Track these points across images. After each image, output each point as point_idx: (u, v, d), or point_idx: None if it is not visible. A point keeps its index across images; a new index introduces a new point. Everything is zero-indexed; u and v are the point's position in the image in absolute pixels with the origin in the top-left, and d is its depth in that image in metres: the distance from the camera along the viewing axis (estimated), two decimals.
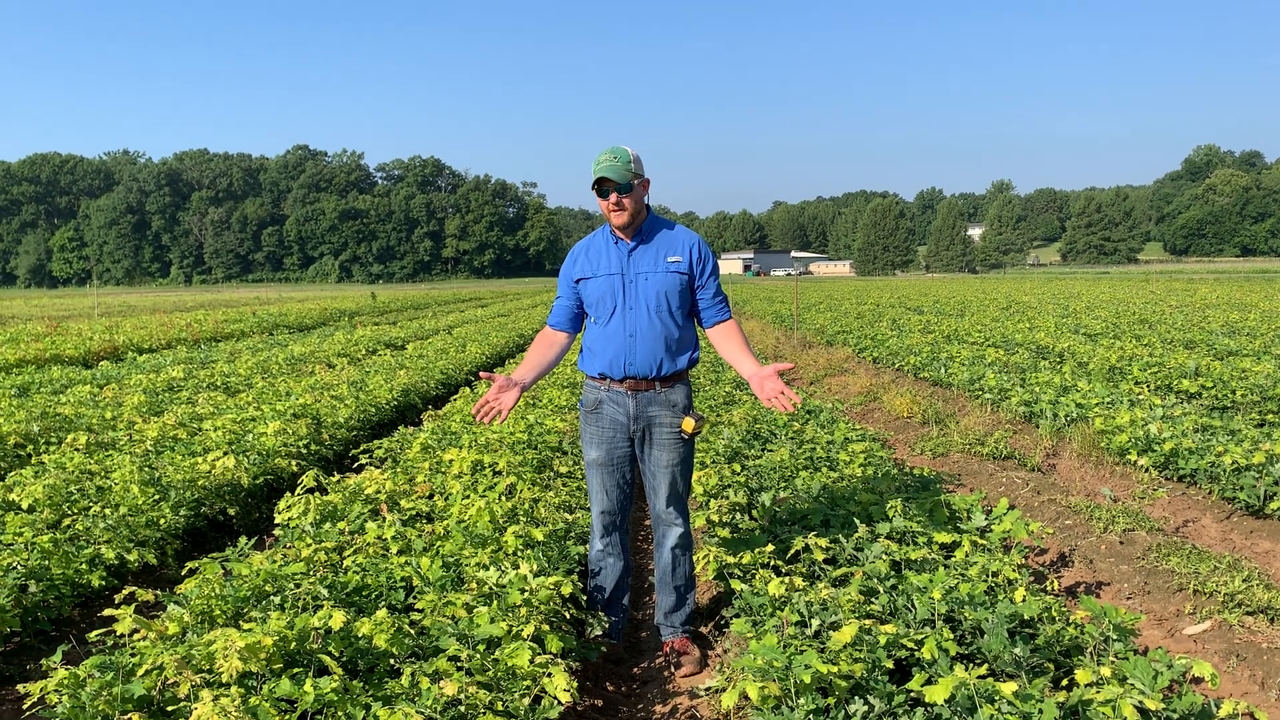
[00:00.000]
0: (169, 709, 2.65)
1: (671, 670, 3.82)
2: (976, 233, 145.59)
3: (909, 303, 29.60)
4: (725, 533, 4.42)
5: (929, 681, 2.76)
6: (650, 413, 3.68)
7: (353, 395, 9.04)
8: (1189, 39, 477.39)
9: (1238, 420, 7.21)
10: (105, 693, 2.61)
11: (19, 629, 3.91)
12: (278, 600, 3.36)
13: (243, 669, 2.59)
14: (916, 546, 4.13)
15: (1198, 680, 3.44)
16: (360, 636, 2.96)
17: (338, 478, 5.39)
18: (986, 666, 3.07)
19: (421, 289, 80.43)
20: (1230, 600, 4.13)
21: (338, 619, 2.90)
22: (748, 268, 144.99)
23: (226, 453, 6.05)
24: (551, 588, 3.38)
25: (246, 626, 2.91)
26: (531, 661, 2.85)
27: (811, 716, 2.69)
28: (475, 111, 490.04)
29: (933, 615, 3.36)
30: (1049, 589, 4.15)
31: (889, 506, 4.65)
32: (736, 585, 3.79)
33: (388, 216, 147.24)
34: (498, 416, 3.48)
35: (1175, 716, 2.77)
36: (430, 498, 5.00)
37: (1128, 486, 6.29)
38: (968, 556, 4.07)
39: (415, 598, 3.49)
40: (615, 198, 3.50)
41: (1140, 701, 2.67)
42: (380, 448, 6.69)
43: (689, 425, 3.65)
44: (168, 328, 20.88)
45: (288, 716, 2.52)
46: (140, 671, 2.69)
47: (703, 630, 4.15)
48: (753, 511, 4.92)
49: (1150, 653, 3.05)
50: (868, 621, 3.22)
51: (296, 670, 2.75)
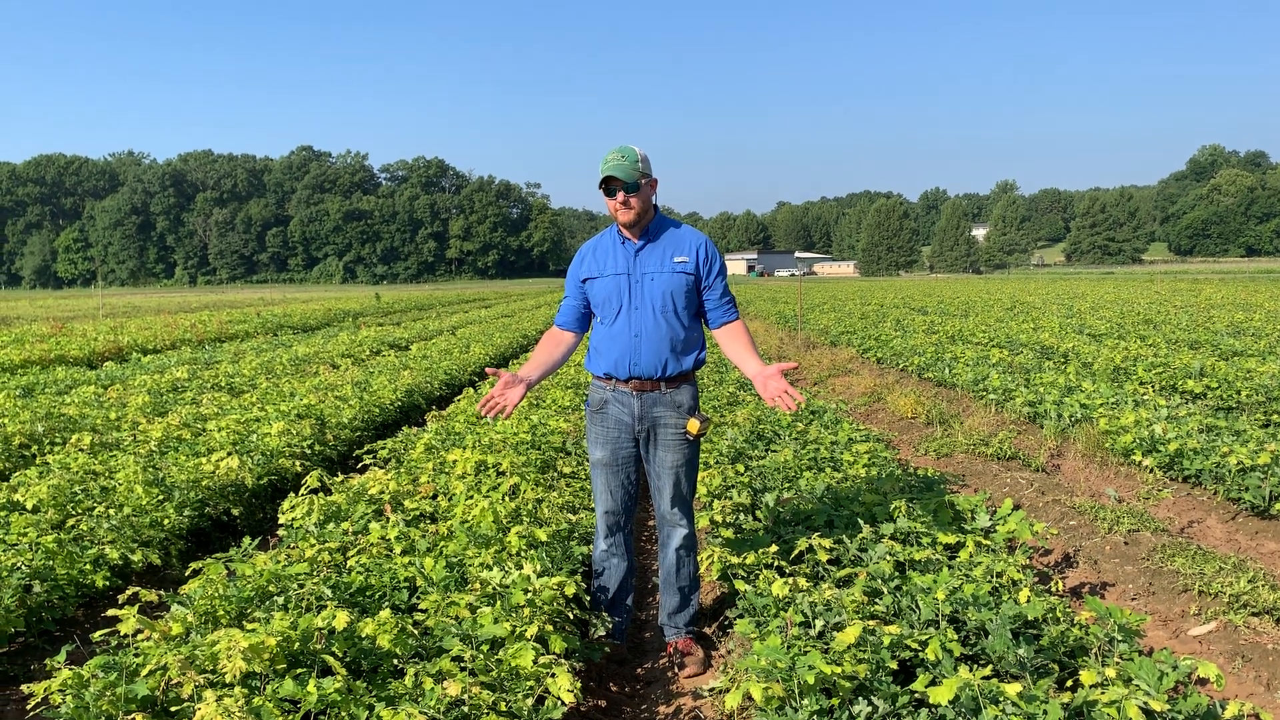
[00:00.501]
0: (172, 709, 2.65)
1: (675, 671, 3.82)
2: (981, 233, 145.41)
3: (913, 303, 29.57)
4: (729, 533, 4.41)
5: (933, 682, 2.76)
6: (655, 413, 3.68)
7: (357, 396, 9.05)
8: (1194, 39, 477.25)
9: (1243, 421, 7.19)
10: (109, 693, 2.61)
11: (23, 629, 3.92)
12: (281, 600, 3.36)
13: (246, 669, 2.60)
14: (920, 547, 4.12)
15: (1203, 681, 3.43)
16: (364, 637, 2.97)
17: (342, 478, 5.40)
18: (991, 667, 3.06)
19: (425, 290, 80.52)
20: (1235, 601, 4.12)
21: (341, 619, 2.90)
22: (751, 268, 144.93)
23: (231, 453, 6.06)
24: (555, 588, 3.39)
25: (250, 627, 2.91)
26: (535, 662, 2.85)
27: (815, 717, 2.69)
28: (479, 112, 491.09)
29: (937, 616, 3.35)
30: (1053, 590, 4.14)
31: (893, 507, 4.65)
32: (740, 586, 3.79)
33: (392, 217, 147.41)
34: (503, 412, 3.49)
35: (1180, 718, 2.76)
36: (434, 498, 5.01)
37: (1132, 487, 6.28)
38: (972, 557, 4.06)
39: (419, 598, 3.50)
40: (622, 196, 3.51)
41: (1145, 703, 2.67)
42: (384, 448, 6.69)
43: (694, 426, 3.64)
44: (172, 328, 20.92)
45: (291, 717, 2.53)
46: (144, 672, 2.69)
47: (706, 631, 4.14)
48: (756, 512, 4.92)
49: (1155, 654, 3.04)
50: (872, 622, 3.21)
51: (300, 671, 2.75)
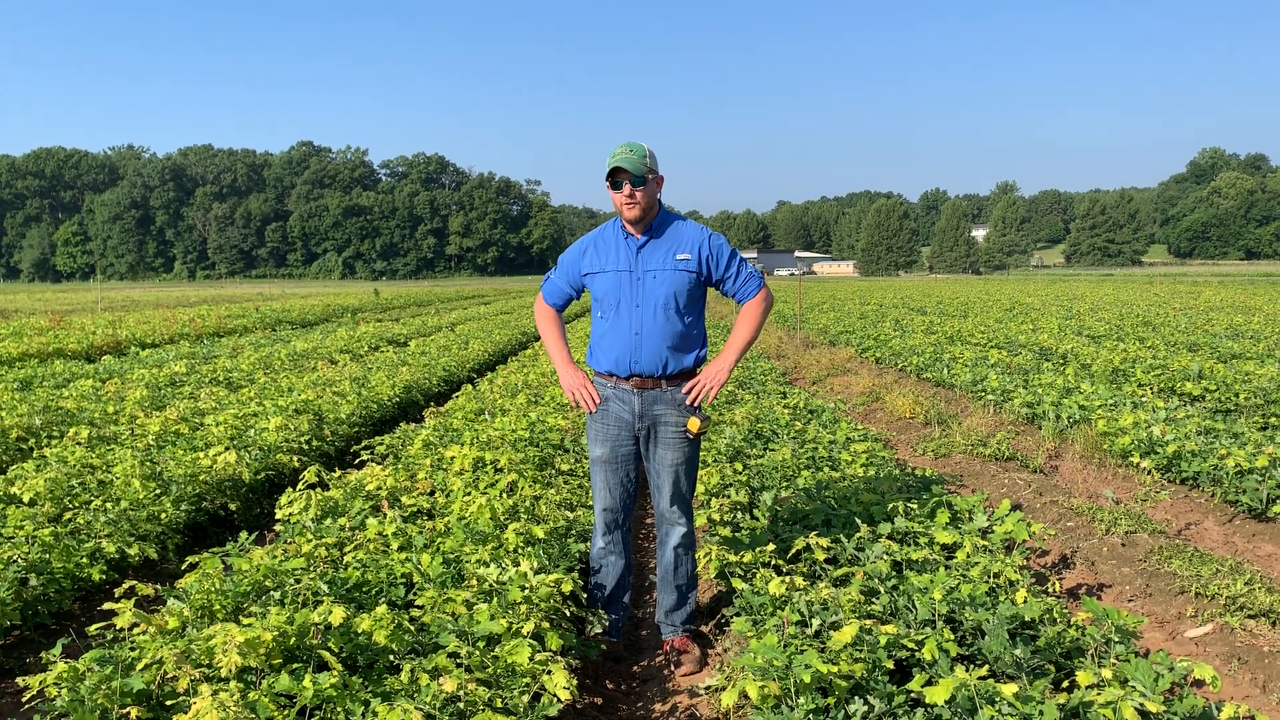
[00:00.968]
0: (168, 703, 2.65)
1: (671, 669, 3.82)
2: (980, 234, 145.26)
3: (912, 303, 29.58)
4: (726, 531, 4.41)
5: (929, 682, 2.75)
6: (656, 411, 3.68)
7: (355, 391, 9.04)
8: (1194, 41, 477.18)
9: (1241, 423, 7.19)
10: (105, 686, 2.61)
11: (19, 622, 3.91)
12: (278, 595, 3.36)
13: (242, 664, 2.59)
14: (918, 547, 4.12)
15: (1199, 683, 3.44)
16: (360, 632, 2.96)
17: (339, 474, 5.40)
18: (987, 668, 3.06)
19: (424, 286, 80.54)
20: (1232, 603, 4.12)
21: (337, 615, 2.90)
22: None
23: (228, 448, 6.06)
24: (552, 585, 3.38)
25: (246, 621, 2.91)
26: (531, 659, 2.85)
27: (811, 716, 2.69)
28: (479, 109, 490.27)
29: (934, 616, 3.35)
30: (1050, 590, 4.14)
31: (890, 507, 4.65)
32: (737, 584, 3.79)
33: (391, 213, 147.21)
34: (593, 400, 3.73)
35: (1176, 719, 2.77)
36: (431, 494, 5.00)
37: (1130, 489, 6.28)
38: (969, 557, 4.06)
39: (415, 594, 3.49)
40: (629, 190, 3.53)
41: (1141, 704, 2.67)
42: (382, 444, 6.69)
43: (695, 425, 3.64)
44: (171, 323, 20.89)
45: (287, 712, 2.52)
46: (140, 665, 2.69)
47: (703, 629, 4.14)
48: (754, 511, 4.92)
49: (1151, 655, 3.04)
50: (868, 622, 3.21)
51: (296, 665, 2.75)
